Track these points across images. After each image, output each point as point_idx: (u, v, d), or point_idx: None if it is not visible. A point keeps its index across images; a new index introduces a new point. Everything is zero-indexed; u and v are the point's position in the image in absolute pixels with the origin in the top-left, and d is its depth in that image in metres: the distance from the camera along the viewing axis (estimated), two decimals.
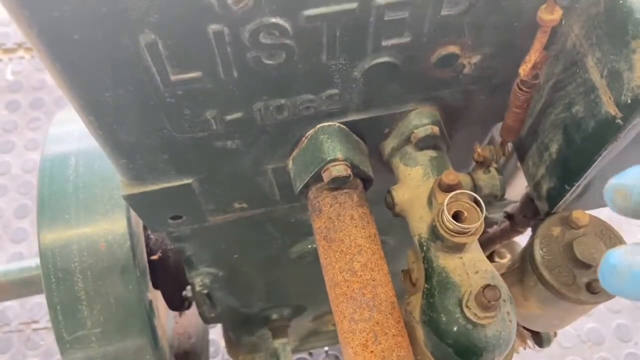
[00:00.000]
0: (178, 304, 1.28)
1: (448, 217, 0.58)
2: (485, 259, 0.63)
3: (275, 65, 0.55)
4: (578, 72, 0.56)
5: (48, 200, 1.01)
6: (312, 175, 0.67)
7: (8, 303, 2.04)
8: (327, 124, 0.67)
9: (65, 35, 0.47)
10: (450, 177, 0.61)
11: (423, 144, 0.69)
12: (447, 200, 0.58)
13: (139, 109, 0.58)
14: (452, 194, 0.59)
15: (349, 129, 0.69)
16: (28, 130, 2.48)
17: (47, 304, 0.98)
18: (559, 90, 0.60)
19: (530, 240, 0.69)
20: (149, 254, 1.16)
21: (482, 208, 0.58)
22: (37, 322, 2.04)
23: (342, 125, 0.68)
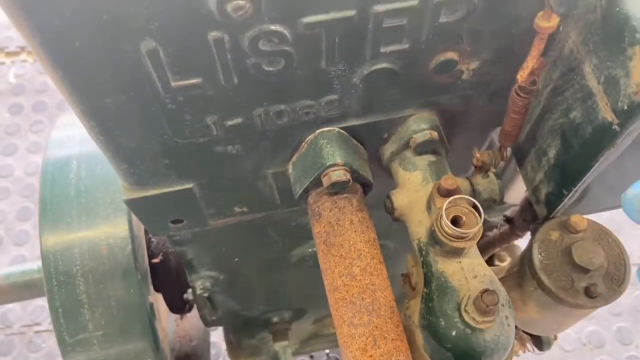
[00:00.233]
0: (179, 307, 1.29)
1: (447, 222, 0.58)
2: (484, 264, 0.63)
3: (275, 72, 0.56)
4: (575, 78, 0.56)
5: (50, 204, 1.01)
6: (311, 180, 0.67)
7: (10, 305, 2.04)
8: (326, 129, 0.67)
9: (67, 43, 0.48)
10: (449, 182, 0.62)
11: (422, 149, 0.69)
12: (445, 205, 0.59)
13: (140, 115, 0.58)
14: (450, 199, 0.59)
15: (349, 134, 0.69)
16: (31, 133, 2.49)
17: (48, 307, 0.98)
18: (557, 96, 0.60)
19: (529, 245, 0.69)
20: (150, 257, 1.16)
21: (480, 213, 0.59)
22: (39, 324, 2.04)
23: (341, 131, 0.68)
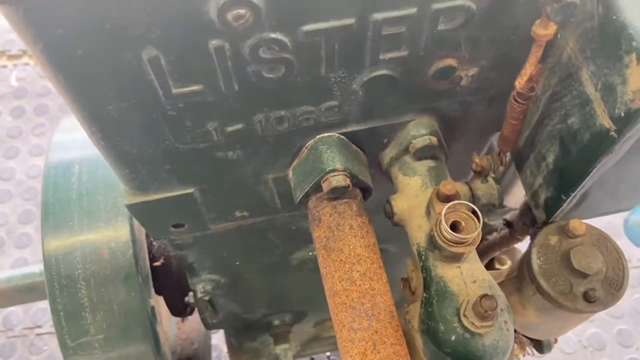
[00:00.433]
0: (180, 310, 1.29)
1: (446, 227, 0.59)
2: (483, 269, 0.64)
3: (275, 79, 0.56)
4: (573, 84, 0.56)
5: (52, 208, 1.02)
6: (311, 185, 0.68)
7: (12, 308, 2.05)
8: (326, 135, 0.68)
9: (69, 51, 0.48)
10: (448, 187, 0.62)
11: (421, 154, 0.69)
12: (444, 211, 0.59)
13: (142, 121, 0.59)
14: (449, 204, 0.60)
15: (349, 140, 0.69)
16: (32, 137, 2.50)
17: (50, 310, 0.99)
18: (555, 102, 0.61)
19: (528, 249, 0.70)
20: (152, 261, 1.17)
21: (479, 218, 0.59)
22: (40, 327, 2.05)
23: (341, 136, 0.68)
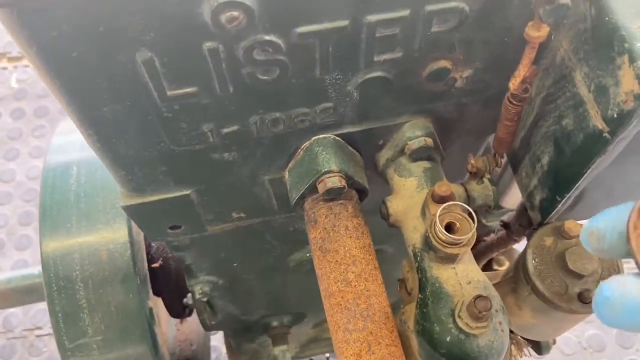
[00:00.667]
0: (179, 311, 1.29)
1: (440, 228, 0.59)
2: (479, 269, 0.64)
3: (270, 81, 0.56)
4: (567, 86, 0.57)
5: (50, 210, 1.02)
6: (307, 187, 0.68)
7: (12, 310, 2.05)
8: (322, 136, 0.68)
9: (64, 53, 0.48)
10: (443, 188, 0.62)
11: (417, 156, 0.70)
12: (439, 212, 0.59)
13: (137, 123, 0.59)
14: (444, 206, 0.60)
15: (344, 141, 0.70)
16: (32, 138, 2.50)
17: (48, 312, 0.99)
18: (550, 103, 0.61)
19: (524, 250, 0.70)
20: (150, 262, 1.17)
21: (474, 219, 0.59)
22: (40, 328, 2.05)
23: (337, 137, 0.69)
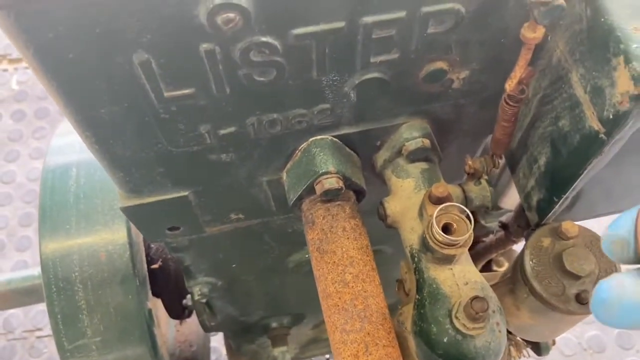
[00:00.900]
0: (178, 313, 1.29)
1: (437, 229, 0.59)
2: (476, 270, 0.64)
3: (267, 82, 0.57)
4: (563, 87, 0.57)
5: (49, 211, 1.02)
6: (305, 188, 0.68)
7: (12, 311, 2.06)
8: (319, 138, 0.68)
9: (61, 55, 0.48)
10: (440, 189, 0.62)
11: (414, 157, 0.70)
12: (436, 213, 0.59)
13: (134, 125, 0.59)
14: (441, 207, 0.60)
15: (342, 142, 0.70)
16: (33, 140, 2.51)
17: (48, 313, 0.99)
18: (546, 104, 0.61)
19: (521, 251, 0.70)
20: (150, 263, 1.17)
21: (471, 220, 0.59)
22: (40, 329, 2.05)
23: (334, 139, 0.69)
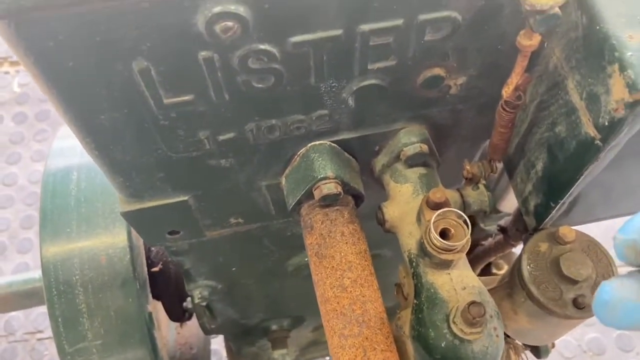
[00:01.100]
0: (179, 315, 1.30)
1: (435, 234, 0.59)
2: (473, 275, 0.64)
3: (265, 89, 0.57)
4: (560, 93, 0.57)
5: (50, 214, 1.03)
6: (303, 193, 0.68)
7: (13, 313, 2.06)
8: (318, 143, 0.68)
9: (61, 63, 0.49)
10: (438, 195, 0.63)
11: (412, 162, 0.70)
12: (434, 218, 0.60)
13: (134, 131, 0.59)
14: (439, 212, 0.60)
15: (340, 147, 0.70)
16: (34, 142, 2.51)
17: (49, 316, 1.00)
18: (543, 110, 0.61)
19: (519, 256, 0.70)
20: (150, 266, 1.17)
21: (468, 226, 0.59)
22: (41, 332, 2.06)
23: (332, 144, 0.69)
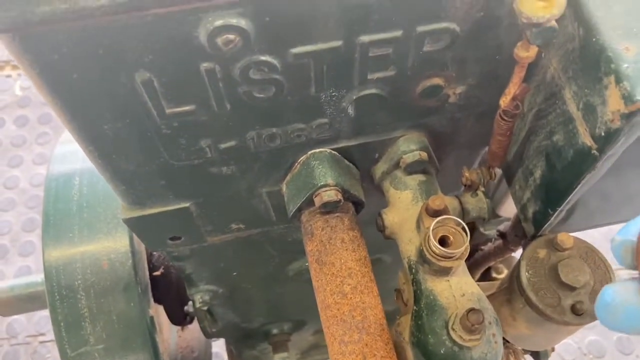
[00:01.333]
0: (180, 319, 1.30)
1: (434, 242, 0.60)
2: (472, 282, 0.65)
3: (266, 98, 0.58)
4: (557, 103, 0.58)
5: (53, 219, 1.03)
6: (304, 200, 0.69)
7: (15, 316, 2.07)
8: (318, 150, 0.69)
9: (65, 75, 0.50)
10: (437, 202, 0.63)
11: (412, 169, 0.71)
12: (433, 225, 0.60)
13: (137, 140, 0.60)
14: (438, 219, 0.61)
15: (340, 155, 0.71)
16: (36, 145, 2.52)
17: (51, 321, 1.00)
18: (541, 119, 0.62)
19: (518, 262, 0.71)
20: (152, 270, 1.18)
21: (467, 233, 0.60)
22: (43, 334, 2.06)
23: (333, 152, 0.70)
